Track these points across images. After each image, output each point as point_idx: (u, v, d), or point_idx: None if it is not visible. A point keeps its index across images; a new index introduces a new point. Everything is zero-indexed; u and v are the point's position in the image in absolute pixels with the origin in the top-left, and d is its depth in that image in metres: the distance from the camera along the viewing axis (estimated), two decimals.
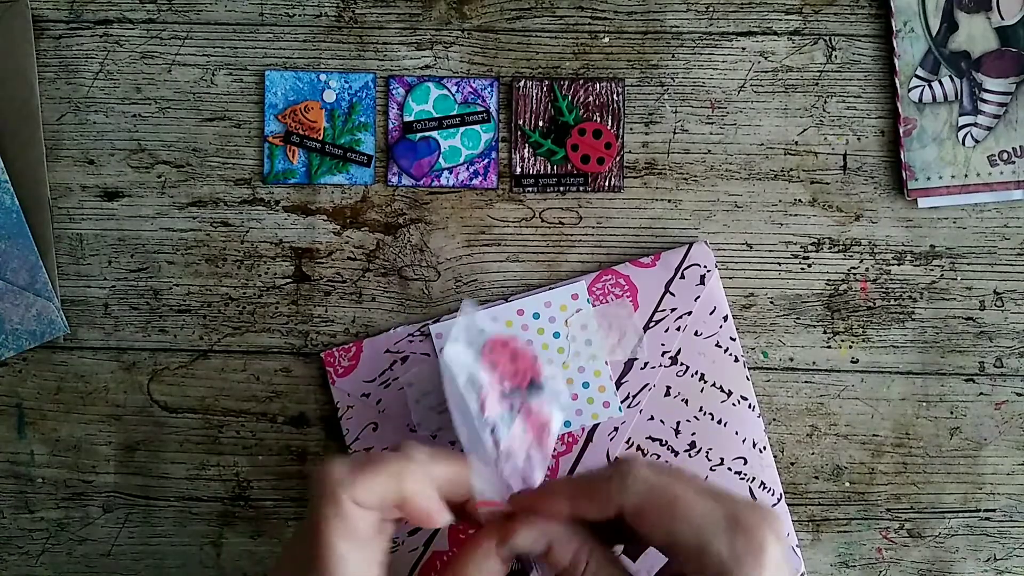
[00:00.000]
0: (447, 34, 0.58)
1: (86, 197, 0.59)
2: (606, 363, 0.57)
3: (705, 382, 0.57)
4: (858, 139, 0.58)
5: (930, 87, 0.57)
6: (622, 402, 0.56)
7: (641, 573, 0.41)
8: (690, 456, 0.56)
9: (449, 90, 0.58)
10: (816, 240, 0.58)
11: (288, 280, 0.59)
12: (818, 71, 0.58)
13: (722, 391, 0.57)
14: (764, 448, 0.56)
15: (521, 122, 0.58)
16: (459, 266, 0.58)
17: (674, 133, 0.58)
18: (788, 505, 0.57)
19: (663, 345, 0.57)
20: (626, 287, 0.57)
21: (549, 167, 0.58)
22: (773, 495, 0.56)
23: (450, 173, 0.58)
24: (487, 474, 0.41)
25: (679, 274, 0.57)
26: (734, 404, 0.56)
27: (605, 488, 0.38)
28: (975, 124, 0.57)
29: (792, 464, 0.58)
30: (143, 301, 0.59)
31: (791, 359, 0.58)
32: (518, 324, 0.57)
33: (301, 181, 0.58)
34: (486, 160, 0.58)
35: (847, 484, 0.58)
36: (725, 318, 0.57)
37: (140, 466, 0.59)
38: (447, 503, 0.40)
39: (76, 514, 0.59)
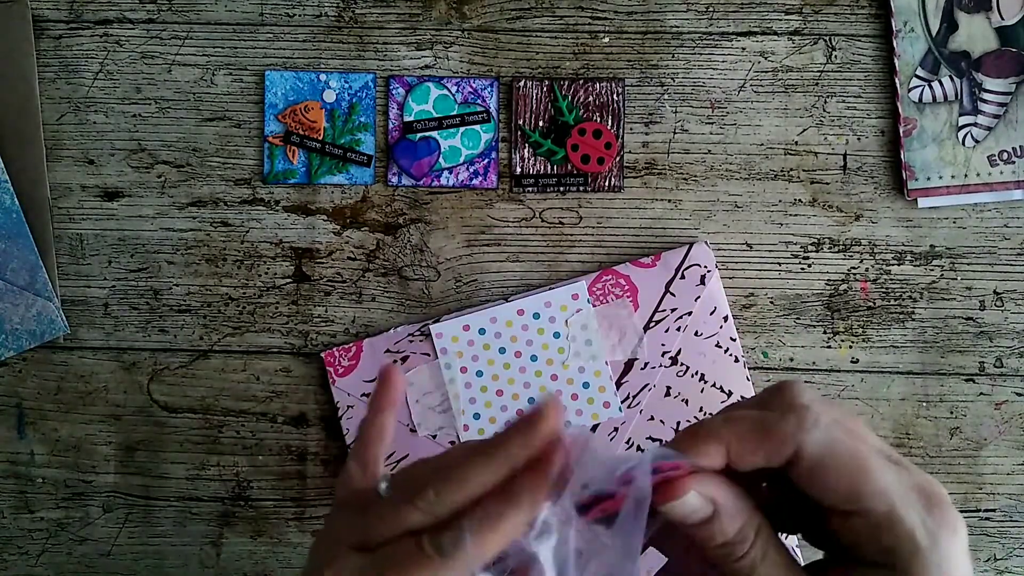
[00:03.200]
0: (447, 34, 0.58)
1: (86, 197, 0.59)
2: (606, 363, 0.57)
3: (705, 382, 0.57)
4: (858, 139, 0.58)
5: (930, 87, 0.57)
6: (622, 402, 0.56)
7: (640, 573, 0.37)
8: None
9: (449, 90, 0.58)
10: (816, 240, 0.58)
11: (288, 280, 0.59)
12: (818, 71, 0.58)
13: (722, 391, 0.57)
14: None
15: (521, 122, 0.58)
16: (459, 266, 0.58)
17: (674, 133, 0.58)
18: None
19: (663, 345, 0.57)
20: (626, 287, 0.57)
21: (549, 167, 0.58)
22: None
23: (450, 173, 0.58)
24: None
25: (679, 274, 0.57)
26: None
27: (779, 429, 0.31)
28: (975, 124, 0.57)
29: None
30: (143, 301, 0.59)
31: (791, 359, 0.58)
32: (518, 324, 0.57)
33: (301, 181, 0.58)
34: (486, 160, 0.58)
35: None
36: (725, 318, 0.57)
37: (140, 466, 0.59)
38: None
39: (76, 514, 0.59)
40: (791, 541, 0.56)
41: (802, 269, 0.58)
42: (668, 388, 0.57)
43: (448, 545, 0.31)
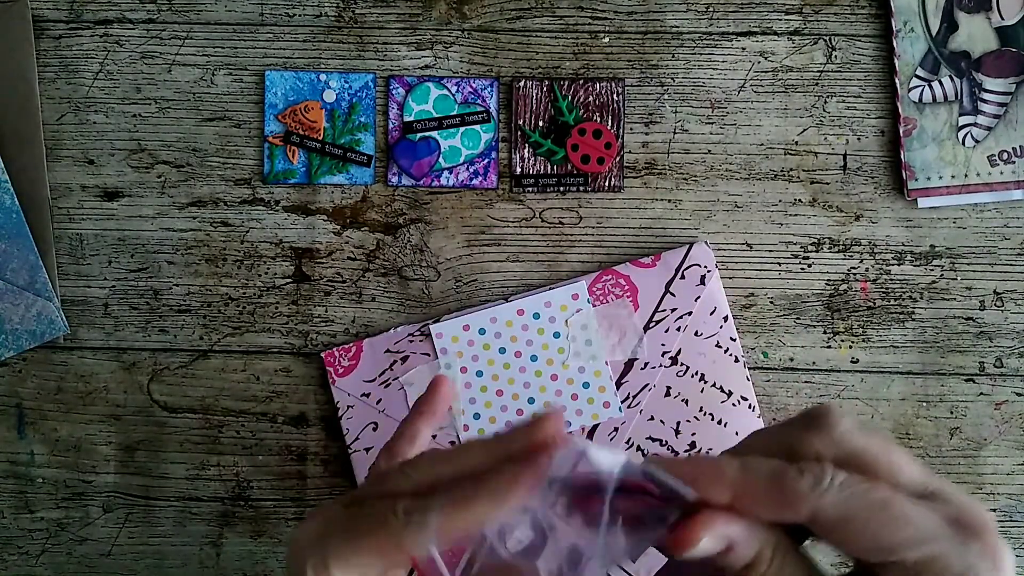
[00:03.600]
0: (447, 34, 0.58)
1: (86, 197, 0.59)
2: (606, 363, 0.57)
3: (705, 382, 0.57)
4: (858, 139, 0.58)
5: (930, 87, 0.57)
6: (622, 402, 0.56)
7: (641, 573, 0.37)
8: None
9: (449, 90, 0.58)
10: (816, 240, 0.58)
11: (288, 280, 0.59)
12: (818, 71, 0.58)
13: (722, 391, 0.57)
14: None
15: (521, 122, 0.58)
16: (459, 266, 0.58)
17: (674, 133, 0.58)
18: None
19: (663, 345, 0.57)
20: (626, 287, 0.57)
21: (549, 167, 0.58)
22: None
23: (450, 173, 0.58)
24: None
25: (679, 274, 0.57)
26: (734, 404, 0.56)
27: (793, 489, 0.30)
28: (975, 124, 0.57)
29: None
30: (143, 301, 0.59)
31: (791, 359, 0.58)
32: (518, 324, 0.57)
33: (301, 181, 0.58)
34: (486, 160, 0.58)
35: None
36: (725, 318, 0.57)
37: (140, 466, 0.59)
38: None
39: (76, 514, 0.59)
40: None
41: (802, 269, 0.58)
42: (668, 388, 0.57)
43: (415, 513, 0.32)
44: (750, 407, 0.57)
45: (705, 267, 0.57)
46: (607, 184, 0.58)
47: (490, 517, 0.32)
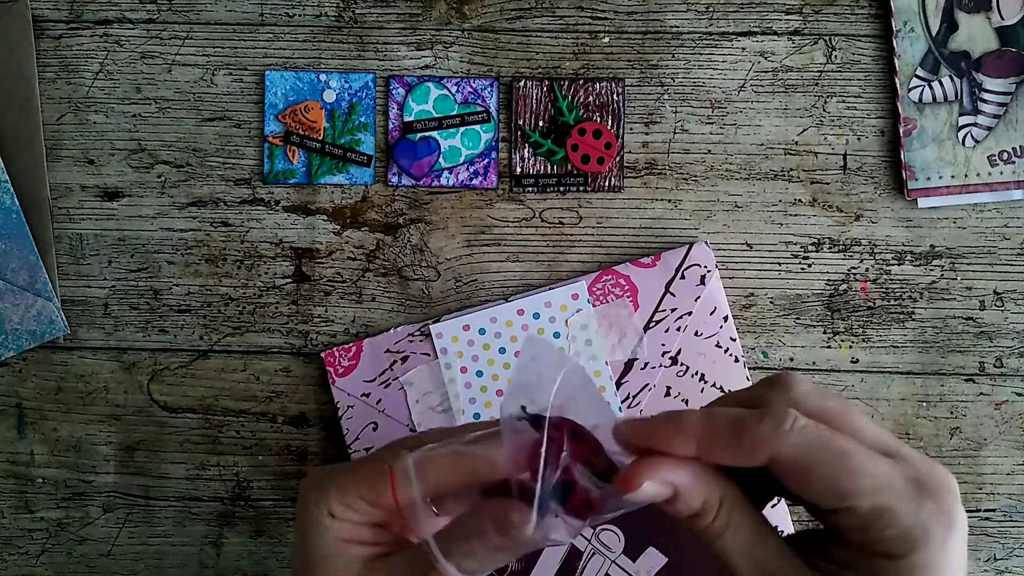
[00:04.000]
0: (447, 34, 0.58)
1: (86, 197, 0.59)
2: (606, 363, 0.57)
3: (705, 382, 0.57)
4: (858, 139, 0.58)
5: (930, 87, 0.57)
6: (622, 402, 0.56)
7: (641, 573, 0.37)
8: None
9: (449, 90, 0.58)
10: (816, 240, 0.58)
11: (288, 280, 0.59)
12: (818, 71, 0.58)
13: (722, 391, 0.57)
14: None
15: (521, 122, 0.58)
16: (459, 266, 0.58)
17: (674, 133, 0.58)
18: (787, 505, 0.57)
19: (663, 345, 0.57)
20: (626, 287, 0.57)
21: (549, 167, 0.58)
22: None
23: (450, 173, 0.58)
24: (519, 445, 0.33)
25: (679, 274, 0.57)
26: None
27: (754, 432, 0.31)
28: (975, 124, 0.57)
29: None
30: (143, 301, 0.59)
31: (791, 359, 0.58)
32: (518, 324, 0.57)
33: (301, 181, 0.58)
34: (486, 160, 0.58)
35: None
36: (725, 318, 0.57)
37: (140, 466, 0.59)
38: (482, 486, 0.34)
39: (76, 514, 0.59)
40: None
41: (802, 269, 0.58)
42: (668, 388, 0.57)
43: (400, 461, 0.34)
44: None
45: (705, 267, 0.57)
46: (607, 184, 0.58)
47: (460, 476, 0.34)
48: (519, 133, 0.58)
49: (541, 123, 0.58)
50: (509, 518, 0.32)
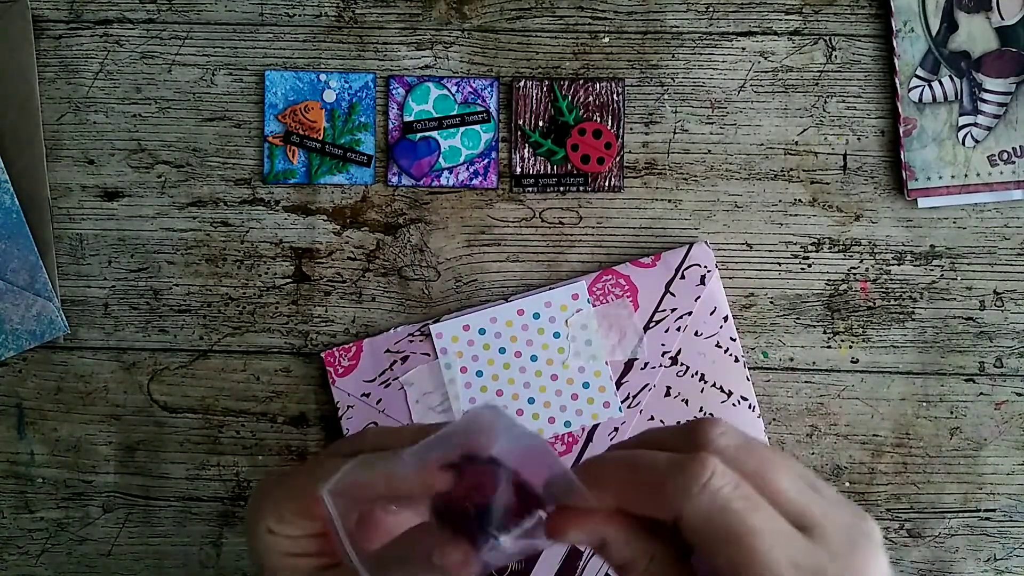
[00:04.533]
0: (447, 34, 0.58)
1: (86, 197, 0.59)
2: (606, 363, 0.57)
3: (705, 382, 0.57)
4: (858, 139, 0.58)
5: (930, 87, 0.57)
6: (622, 402, 0.56)
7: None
8: None
9: (449, 90, 0.58)
10: (816, 240, 0.58)
11: (288, 280, 0.59)
12: (818, 71, 0.58)
13: (722, 391, 0.57)
14: None
15: (521, 122, 0.58)
16: (459, 266, 0.58)
17: (674, 133, 0.58)
18: None
19: (663, 345, 0.57)
20: (626, 287, 0.57)
21: (549, 167, 0.58)
22: None
23: (450, 173, 0.58)
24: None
25: (679, 274, 0.57)
26: (734, 404, 0.56)
27: (664, 486, 0.30)
28: (975, 124, 0.57)
29: None
30: (143, 301, 0.59)
31: (791, 359, 0.58)
32: (518, 324, 0.57)
33: (301, 181, 0.58)
34: (486, 160, 0.58)
35: (847, 484, 0.58)
36: (725, 318, 0.57)
37: (140, 466, 0.59)
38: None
39: (76, 514, 0.59)
40: None
41: (802, 269, 0.58)
42: (668, 388, 0.57)
43: (328, 464, 0.34)
44: (750, 407, 0.57)
45: (705, 267, 0.57)
46: (607, 184, 0.58)
47: (385, 495, 0.33)
48: (519, 133, 0.58)
49: (541, 123, 0.58)
50: (449, 557, 0.31)
